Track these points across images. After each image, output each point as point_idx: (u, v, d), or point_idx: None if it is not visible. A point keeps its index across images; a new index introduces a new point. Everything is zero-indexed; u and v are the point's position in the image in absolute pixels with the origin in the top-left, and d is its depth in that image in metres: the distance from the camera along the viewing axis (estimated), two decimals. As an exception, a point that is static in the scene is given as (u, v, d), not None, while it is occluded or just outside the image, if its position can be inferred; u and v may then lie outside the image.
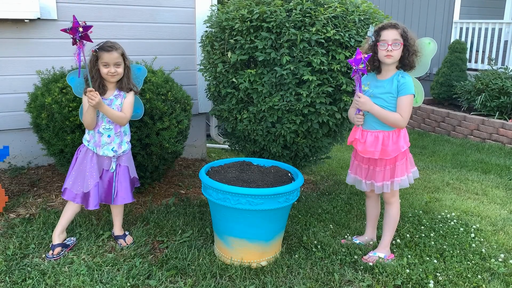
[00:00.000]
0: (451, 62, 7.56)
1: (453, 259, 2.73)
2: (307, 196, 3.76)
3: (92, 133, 2.59)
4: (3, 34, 3.64)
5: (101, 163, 2.63)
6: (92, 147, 2.59)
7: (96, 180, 2.59)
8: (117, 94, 2.61)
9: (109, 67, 2.50)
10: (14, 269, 2.42)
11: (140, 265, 2.51)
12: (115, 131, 2.62)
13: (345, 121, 3.39)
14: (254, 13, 3.10)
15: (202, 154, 4.80)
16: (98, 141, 2.58)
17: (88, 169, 2.58)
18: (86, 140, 2.61)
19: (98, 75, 2.53)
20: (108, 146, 2.60)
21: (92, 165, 2.59)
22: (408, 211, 3.49)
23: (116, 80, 2.57)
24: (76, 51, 2.41)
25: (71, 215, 2.68)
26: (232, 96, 3.36)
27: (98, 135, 2.58)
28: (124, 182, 2.70)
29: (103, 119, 2.58)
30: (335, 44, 3.06)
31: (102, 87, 2.55)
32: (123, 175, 2.70)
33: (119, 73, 2.54)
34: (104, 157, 2.62)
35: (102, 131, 2.58)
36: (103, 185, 2.66)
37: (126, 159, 2.72)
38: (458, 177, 4.63)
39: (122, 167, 2.69)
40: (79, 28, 2.35)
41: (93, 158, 2.59)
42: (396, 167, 2.61)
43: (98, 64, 2.51)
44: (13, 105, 3.76)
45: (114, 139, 2.62)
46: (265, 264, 2.60)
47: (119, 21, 4.05)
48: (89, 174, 2.58)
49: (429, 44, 2.60)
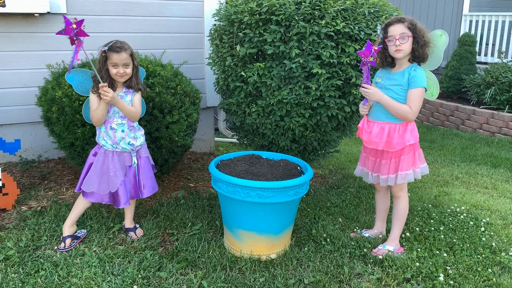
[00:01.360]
0: (460, 55, 7.49)
1: (463, 253, 2.72)
2: (316, 189, 3.76)
3: (104, 131, 2.60)
4: (14, 28, 3.67)
5: (123, 161, 2.65)
6: (110, 146, 2.61)
7: (121, 179, 2.62)
8: (126, 91, 2.63)
9: (118, 68, 2.52)
10: (27, 261, 2.45)
11: (150, 257, 2.53)
12: (128, 126, 2.64)
13: (354, 115, 3.38)
14: (263, 6, 3.09)
15: (210, 148, 4.81)
16: (114, 137, 2.60)
17: (112, 169, 2.61)
18: (103, 141, 2.62)
19: (107, 75, 2.54)
20: (124, 140, 2.62)
21: (114, 164, 2.61)
22: (417, 205, 3.48)
23: (124, 80, 2.59)
24: (74, 50, 2.41)
25: (82, 210, 2.72)
26: (240, 90, 3.36)
27: (112, 131, 2.60)
28: (148, 172, 2.76)
29: (114, 115, 2.59)
30: (344, 37, 3.05)
31: (111, 87, 2.56)
32: (146, 166, 2.75)
33: (127, 73, 2.56)
34: (125, 153, 2.65)
35: (115, 126, 2.60)
36: (129, 182, 2.69)
37: (145, 151, 2.76)
38: (467, 171, 4.61)
39: (143, 159, 2.73)
40: (72, 25, 2.34)
41: (114, 158, 2.61)
42: (401, 161, 2.61)
43: (107, 64, 2.52)
44: (23, 99, 3.79)
45: (128, 134, 2.64)
46: (275, 257, 2.61)
47: (128, 14, 4.05)
48: (113, 174, 2.61)
49: (441, 36, 2.58)
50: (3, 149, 3.06)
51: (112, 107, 2.59)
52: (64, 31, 2.35)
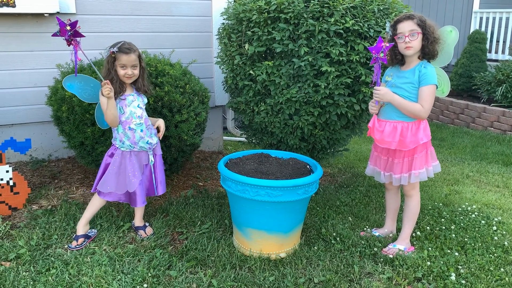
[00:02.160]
0: (470, 52, 7.41)
1: (475, 252, 2.69)
2: (325, 188, 3.75)
3: (122, 132, 2.61)
4: (23, 28, 3.69)
5: (140, 160, 2.69)
6: (128, 147, 2.63)
7: (139, 178, 2.66)
8: (135, 93, 2.66)
9: (126, 69, 2.54)
10: (38, 259, 2.47)
11: (160, 256, 2.54)
12: (146, 125, 2.67)
13: (364, 113, 3.36)
14: (272, 4, 3.08)
15: (219, 147, 4.81)
16: (133, 137, 2.62)
17: (130, 169, 2.64)
18: (120, 142, 2.63)
19: (117, 75, 2.55)
20: (143, 140, 2.65)
21: (132, 164, 2.64)
22: (428, 204, 3.45)
23: (132, 81, 2.63)
24: (72, 51, 2.43)
25: (97, 209, 2.75)
26: (249, 89, 3.35)
27: (131, 131, 2.61)
28: (162, 170, 2.82)
29: (132, 116, 2.61)
30: (354, 35, 3.03)
31: (121, 87, 2.59)
32: (161, 163, 2.81)
33: (135, 74, 2.60)
34: (142, 152, 2.68)
35: (134, 127, 2.61)
36: (146, 179, 2.76)
37: (159, 148, 2.80)
38: (478, 169, 4.56)
39: (158, 156, 2.78)
40: (66, 27, 2.34)
41: (131, 158, 2.64)
42: (414, 159, 2.58)
43: (116, 65, 2.54)
44: (34, 98, 3.82)
45: (146, 133, 2.66)
46: (284, 255, 2.60)
47: (137, 14, 4.06)
48: (131, 174, 2.64)
49: (451, 32, 2.55)
50: (14, 148, 3.08)
51: (127, 107, 2.60)
52: (59, 33, 2.36)
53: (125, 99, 2.60)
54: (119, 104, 2.60)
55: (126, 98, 2.61)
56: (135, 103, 2.64)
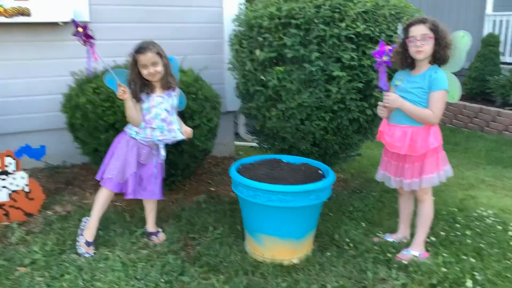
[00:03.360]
0: (484, 56, 7.34)
1: (491, 258, 2.65)
2: (338, 193, 3.72)
3: (143, 128, 2.63)
4: (38, 36, 3.76)
5: (139, 154, 2.67)
6: (141, 138, 2.63)
7: (133, 170, 2.64)
8: (167, 93, 2.66)
9: (147, 68, 2.54)
10: (52, 265, 2.49)
11: (173, 261, 2.54)
12: (168, 127, 2.66)
13: (375, 118, 3.33)
14: (283, 10, 3.09)
15: (230, 152, 4.82)
16: (150, 135, 2.63)
17: (128, 157, 2.63)
18: (134, 131, 2.63)
19: (138, 77, 2.57)
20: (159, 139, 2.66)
21: (132, 154, 2.64)
22: (442, 209, 3.41)
23: (158, 78, 2.61)
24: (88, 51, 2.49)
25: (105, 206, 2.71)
26: (260, 94, 3.35)
27: (151, 129, 2.62)
28: (154, 178, 2.76)
29: (157, 117, 2.61)
30: (365, 39, 3.02)
31: (146, 87, 2.60)
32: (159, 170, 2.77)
33: (159, 71, 2.57)
34: (146, 147, 2.67)
35: (155, 127, 2.63)
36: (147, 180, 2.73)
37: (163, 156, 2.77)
38: (494, 174, 4.49)
39: (159, 164, 2.76)
40: (78, 28, 2.40)
41: (134, 148, 2.64)
42: (424, 164, 2.55)
43: (138, 67, 2.55)
44: (48, 105, 3.87)
45: (166, 135, 2.67)
46: (297, 261, 2.59)
47: (150, 21, 4.11)
48: (128, 162, 2.63)
49: (463, 37, 2.52)
50: (29, 155, 3.13)
51: (154, 108, 2.60)
52: (75, 34, 2.44)
53: (153, 100, 2.61)
54: (147, 104, 2.60)
55: (154, 99, 2.61)
56: (163, 105, 2.63)
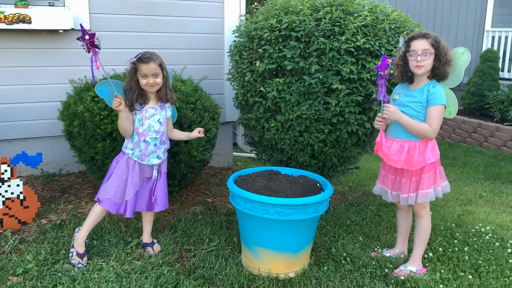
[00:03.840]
0: (483, 71, 7.37)
1: (489, 275, 2.62)
2: (335, 207, 3.70)
3: (136, 142, 2.61)
4: (39, 44, 3.76)
5: (143, 172, 2.66)
6: (137, 157, 2.61)
7: (136, 189, 2.62)
8: (161, 105, 2.65)
9: (147, 78, 2.53)
10: (45, 274, 2.46)
11: (168, 273, 2.51)
12: (161, 140, 2.66)
13: (374, 131, 3.33)
14: (283, 22, 3.10)
15: (229, 163, 4.80)
16: (145, 150, 2.61)
17: (130, 177, 2.61)
18: (130, 149, 2.62)
19: (136, 85, 2.56)
20: (154, 154, 2.64)
21: (134, 173, 2.61)
22: (440, 224, 3.39)
23: (155, 90, 2.60)
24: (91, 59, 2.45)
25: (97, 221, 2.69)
26: (259, 105, 3.35)
27: (145, 144, 2.60)
28: (164, 188, 2.75)
29: (150, 129, 2.60)
30: (365, 53, 3.02)
31: (142, 97, 2.58)
32: (163, 181, 2.75)
33: (158, 83, 2.57)
34: (147, 165, 2.65)
35: (149, 140, 2.61)
36: (144, 194, 2.69)
37: (165, 165, 2.77)
38: (492, 189, 4.48)
39: (162, 173, 2.74)
40: (86, 36, 2.39)
41: (135, 167, 2.62)
42: (422, 179, 2.54)
43: (137, 76, 2.54)
44: (46, 113, 3.86)
45: (160, 147, 2.66)
46: (293, 275, 2.56)
47: (151, 31, 4.12)
48: (130, 182, 2.61)
49: (463, 54, 2.52)
50: (25, 162, 3.10)
51: (147, 120, 2.59)
52: (81, 39, 2.42)
53: (146, 111, 2.60)
54: (139, 115, 2.59)
55: (147, 110, 2.60)
56: (156, 117, 2.62)
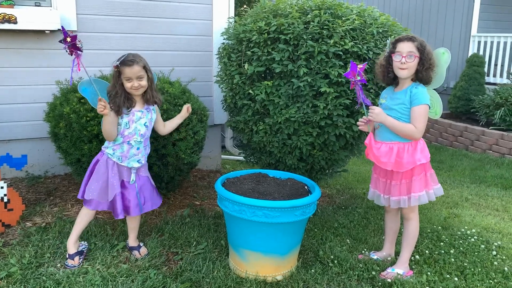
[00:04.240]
0: (469, 76, 7.46)
1: (475, 277, 2.65)
2: (323, 209, 3.71)
3: (120, 144, 2.58)
4: (24, 44, 3.71)
5: (121, 174, 2.62)
6: (116, 157, 2.58)
7: (117, 190, 2.59)
8: (146, 108, 2.64)
9: (132, 81, 2.50)
10: (29, 278, 2.41)
11: (154, 276, 2.49)
12: (144, 144, 2.65)
13: (362, 134, 3.35)
14: (272, 25, 3.10)
15: (217, 166, 4.79)
16: (127, 152, 2.58)
17: (110, 178, 2.58)
18: (111, 149, 2.59)
19: (122, 89, 2.53)
20: (135, 157, 2.62)
21: (113, 174, 2.58)
22: (427, 227, 3.41)
23: (140, 93, 2.58)
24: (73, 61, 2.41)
25: (87, 223, 2.69)
26: (248, 108, 3.35)
27: (128, 146, 2.58)
28: (148, 190, 2.72)
29: (136, 132, 2.58)
30: (353, 56, 3.04)
31: (129, 101, 2.55)
32: (146, 185, 2.71)
33: (142, 86, 2.54)
34: (125, 167, 2.62)
35: (133, 143, 2.59)
36: (130, 197, 2.64)
37: (145, 170, 2.73)
38: (477, 192, 4.53)
39: (142, 177, 2.70)
40: (67, 38, 2.35)
41: (114, 168, 2.59)
42: (412, 182, 2.55)
43: (121, 79, 2.51)
44: (32, 114, 3.81)
45: (142, 151, 2.64)
46: (281, 278, 2.55)
47: (138, 32, 4.09)
48: (110, 183, 2.58)
49: (444, 54, 2.57)
50: (9, 164, 3.05)
51: (134, 123, 2.57)
52: (63, 41, 2.38)
53: (133, 115, 2.58)
54: (126, 118, 2.56)
55: (134, 114, 2.58)
56: (143, 121, 2.61)
